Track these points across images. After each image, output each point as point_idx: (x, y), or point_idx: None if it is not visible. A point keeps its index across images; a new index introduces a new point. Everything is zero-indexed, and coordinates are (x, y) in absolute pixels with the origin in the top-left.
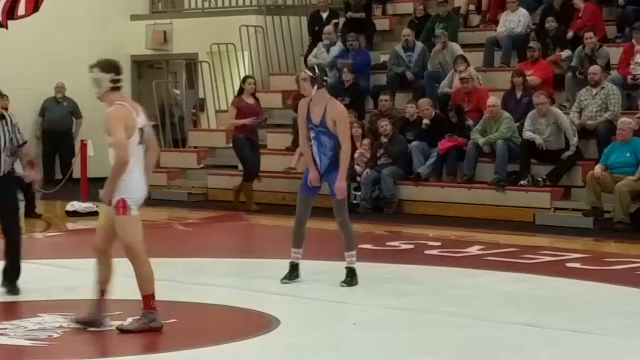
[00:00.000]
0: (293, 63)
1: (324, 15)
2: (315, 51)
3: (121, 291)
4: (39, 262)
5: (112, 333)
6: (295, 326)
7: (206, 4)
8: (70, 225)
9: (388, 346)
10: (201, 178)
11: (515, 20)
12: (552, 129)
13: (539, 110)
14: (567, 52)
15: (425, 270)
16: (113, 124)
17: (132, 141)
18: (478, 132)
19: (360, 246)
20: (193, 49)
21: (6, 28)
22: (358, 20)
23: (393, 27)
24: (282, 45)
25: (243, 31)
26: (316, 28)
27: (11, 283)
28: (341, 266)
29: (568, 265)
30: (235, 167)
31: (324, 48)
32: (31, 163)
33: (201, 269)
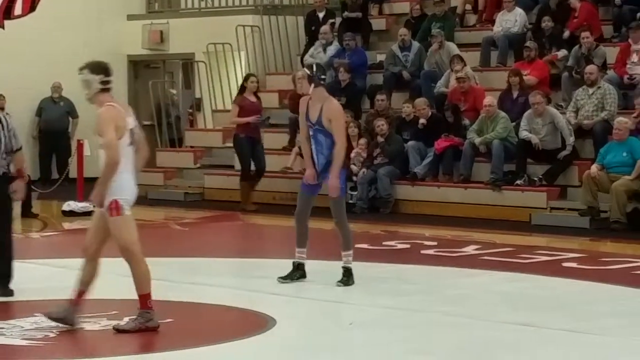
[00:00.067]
0: (290, 63)
1: (321, 15)
2: (311, 51)
3: (117, 290)
4: (36, 262)
5: (109, 332)
6: (291, 326)
7: (202, 4)
8: (66, 225)
9: (384, 346)
10: (198, 178)
11: (511, 19)
12: (549, 129)
13: (536, 110)
14: (564, 52)
15: (421, 270)
16: (104, 125)
17: (123, 142)
18: (474, 132)
19: (356, 246)
20: (189, 49)
21: (3, 28)
22: (354, 19)
23: (389, 27)
24: (279, 45)
25: (240, 31)
26: (313, 28)
27: (2, 286)
28: (337, 266)
29: (564, 265)
30: (231, 167)
31: (321, 48)
32: (20, 172)
33: (197, 269)
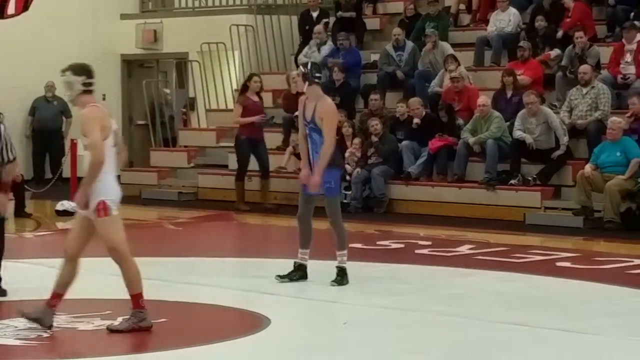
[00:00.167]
0: (283, 62)
1: (315, 14)
2: (305, 50)
3: (111, 290)
4: (29, 262)
5: (103, 332)
6: (285, 325)
7: (196, 3)
8: (60, 224)
9: (379, 345)
10: (191, 177)
11: (505, 19)
12: (543, 129)
13: (529, 109)
14: (557, 52)
15: (415, 269)
16: (89, 125)
17: (108, 143)
18: (468, 132)
19: (350, 245)
20: (183, 48)
21: None
22: (348, 19)
23: (383, 27)
24: (273, 44)
25: (233, 30)
26: (306, 27)
27: None
28: (332, 265)
29: (558, 264)
30: (225, 167)
31: (315, 47)
32: (5, 186)
33: (191, 268)
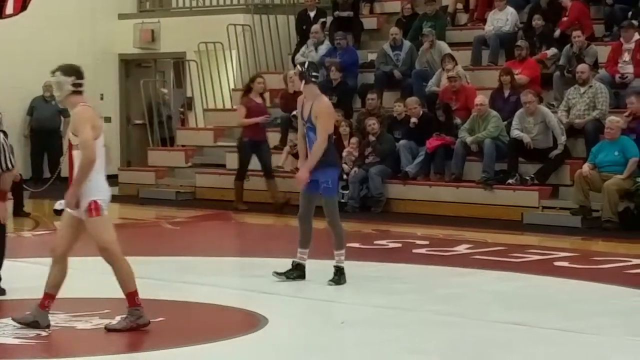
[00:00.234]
0: (281, 62)
1: (312, 14)
2: (303, 50)
3: (109, 290)
4: (27, 261)
5: (101, 331)
6: (283, 325)
7: (194, 3)
8: (58, 223)
9: (376, 345)
10: (189, 177)
11: (503, 19)
12: (540, 128)
13: (527, 109)
14: (553, 51)
15: (413, 269)
16: (81, 124)
17: (99, 142)
18: (466, 131)
19: (348, 245)
20: (181, 48)
21: None
22: (346, 19)
23: (381, 26)
24: (270, 44)
25: (231, 30)
26: (304, 27)
27: None
28: (329, 265)
29: (556, 264)
30: (223, 166)
31: (312, 47)
32: (3, 194)
33: (189, 268)
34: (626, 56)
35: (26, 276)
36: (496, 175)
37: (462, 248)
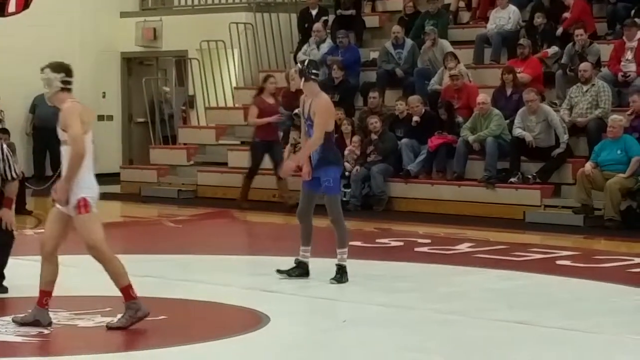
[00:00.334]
0: (283, 60)
1: (314, 12)
2: (305, 48)
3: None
4: (30, 259)
5: (103, 329)
6: (285, 323)
7: (196, 1)
8: None
9: (378, 343)
10: (191, 175)
11: (505, 17)
12: (542, 126)
13: (529, 107)
14: (554, 49)
15: (415, 267)
16: (70, 119)
17: (88, 138)
18: (468, 130)
19: (350, 243)
20: (183, 46)
21: None
22: (348, 17)
23: (383, 24)
24: (272, 42)
25: (233, 28)
26: (306, 25)
27: None
28: (331, 263)
29: (558, 262)
30: (225, 164)
31: (314, 45)
32: (9, 202)
33: (191, 266)
34: (629, 54)
35: (28, 274)
36: (498, 173)
37: (464, 247)
